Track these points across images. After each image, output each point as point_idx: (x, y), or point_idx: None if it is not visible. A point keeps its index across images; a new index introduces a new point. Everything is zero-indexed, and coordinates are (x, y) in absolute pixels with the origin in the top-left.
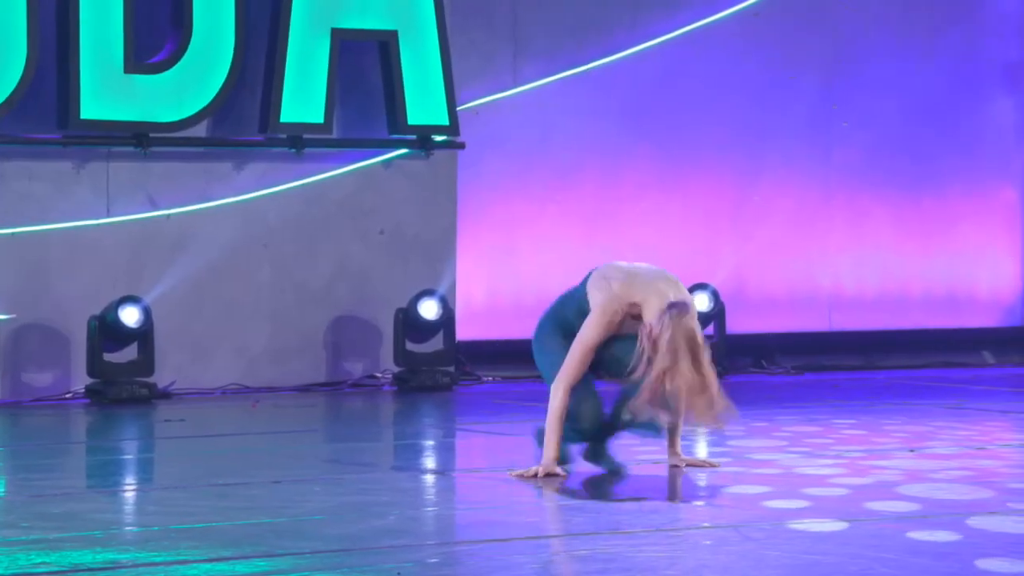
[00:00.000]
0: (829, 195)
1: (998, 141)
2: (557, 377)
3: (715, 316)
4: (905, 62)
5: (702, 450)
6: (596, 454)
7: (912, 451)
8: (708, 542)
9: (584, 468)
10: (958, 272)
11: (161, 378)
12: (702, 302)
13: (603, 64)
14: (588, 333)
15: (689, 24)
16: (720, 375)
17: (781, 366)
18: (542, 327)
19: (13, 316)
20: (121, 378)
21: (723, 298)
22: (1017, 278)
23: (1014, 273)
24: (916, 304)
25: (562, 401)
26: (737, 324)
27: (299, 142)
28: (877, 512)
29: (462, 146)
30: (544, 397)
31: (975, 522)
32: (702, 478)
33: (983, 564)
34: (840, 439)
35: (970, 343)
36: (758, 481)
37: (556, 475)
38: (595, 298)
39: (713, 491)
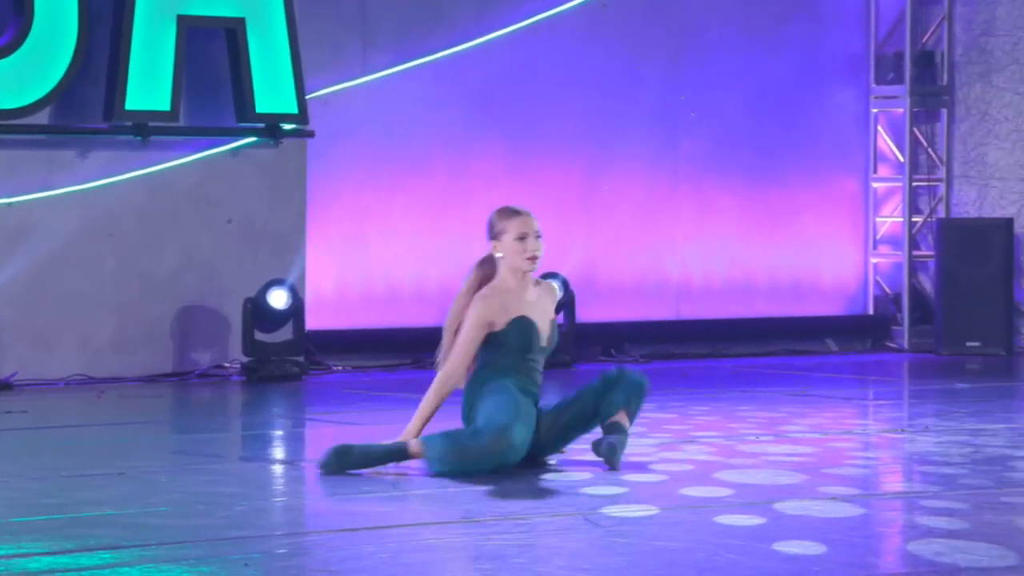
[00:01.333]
0: (676, 185)
1: (840, 132)
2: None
3: (565, 305)
4: (750, 54)
5: None
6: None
7: (758, 437)
8: (556, 529)
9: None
10: (802, 261)
11: (3, 369)
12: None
13: (452, 54)
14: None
15: (536, 15)
16: (569, 363)
17: (630, 354)
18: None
19: None
20: None
21: (573, 287)
22: (859, 267)
23: (856, 262)
24: (762, 293)
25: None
26: (587, 313)
27: (145, 130)
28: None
29: (311, 135)
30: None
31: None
32: (553, 465)
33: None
34: (697, 425)
35: (814, 331)
36: (604, 467)
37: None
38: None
39: (564, 478)
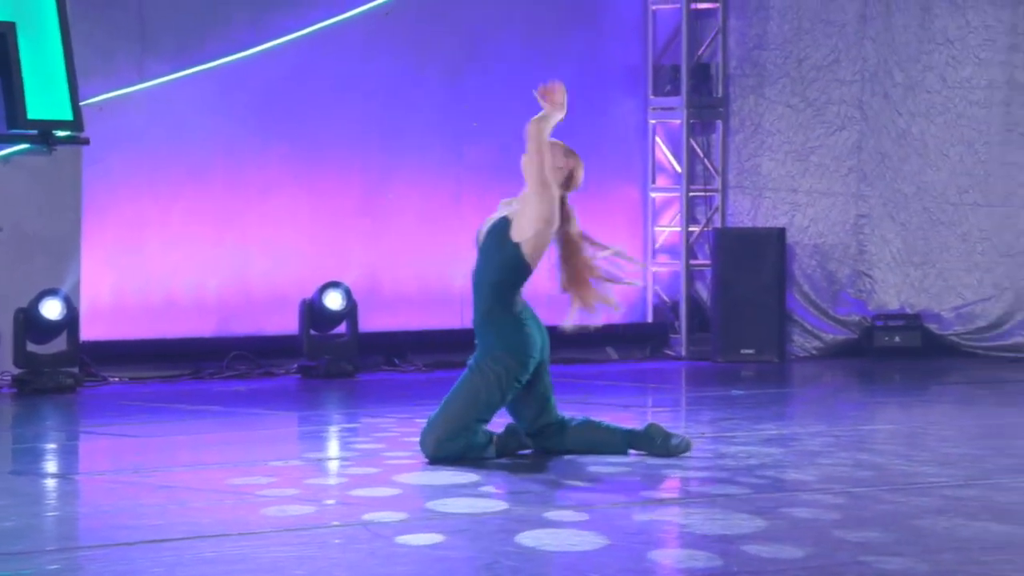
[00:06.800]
0: (460, 193)
1: (620, 143)
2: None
3: (347, 315)
4: (531, 64)
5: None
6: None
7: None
8: (337, 540)
9: (215, 471)
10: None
11: None
12: (335, 301)
13: (231, 61)
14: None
15: (318, 23)
16: (351, 373)
17: (413, 363)
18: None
19: None
20: None
21: (355, 296)
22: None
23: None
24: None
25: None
26: (370, 322)
27: None
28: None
29: (86, 142)
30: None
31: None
32: (330, 477)
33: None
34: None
35: (594, 339)
36: (386, 481)
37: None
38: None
39: (343, 489)
